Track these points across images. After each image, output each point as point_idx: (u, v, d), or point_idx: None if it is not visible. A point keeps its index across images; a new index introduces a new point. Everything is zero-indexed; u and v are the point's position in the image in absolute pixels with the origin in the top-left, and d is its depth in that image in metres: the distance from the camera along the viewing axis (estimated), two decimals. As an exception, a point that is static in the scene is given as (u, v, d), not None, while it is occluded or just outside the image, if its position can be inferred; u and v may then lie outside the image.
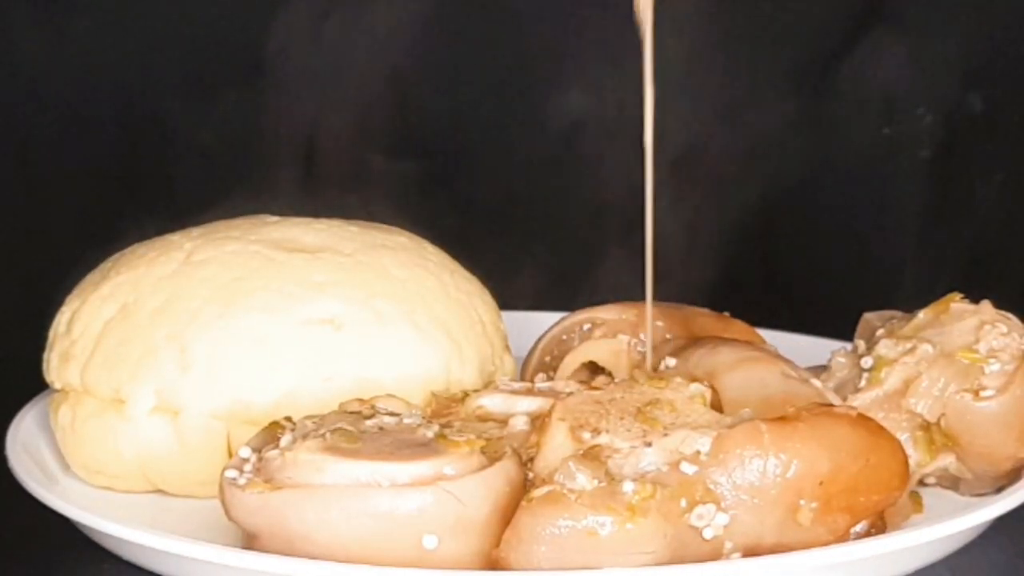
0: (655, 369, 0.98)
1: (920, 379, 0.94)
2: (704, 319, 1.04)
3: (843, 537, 0.84)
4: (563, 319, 1.05)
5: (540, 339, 1.05)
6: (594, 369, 1.02)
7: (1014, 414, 0.93)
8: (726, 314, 1.06)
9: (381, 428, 0.86)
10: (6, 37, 1.36)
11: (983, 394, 0.93)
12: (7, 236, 1.35)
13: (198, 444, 0.95)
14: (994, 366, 0.94)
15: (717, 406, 0.90)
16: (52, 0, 1.38)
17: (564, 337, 1.04)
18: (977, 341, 0.95)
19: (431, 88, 1.39)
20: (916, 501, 0.92)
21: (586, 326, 1.03)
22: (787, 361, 0.95)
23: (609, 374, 1.00)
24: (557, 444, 0.85)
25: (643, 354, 1.01)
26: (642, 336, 1.01)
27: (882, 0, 1.37)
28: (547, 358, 1.04)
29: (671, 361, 0.97)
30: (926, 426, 0.94)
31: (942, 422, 0.94)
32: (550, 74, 1.38)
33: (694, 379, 0.91)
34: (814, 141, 1.38)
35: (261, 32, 1.39)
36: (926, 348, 0.95)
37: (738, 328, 1.04)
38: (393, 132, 1.39)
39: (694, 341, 0.98)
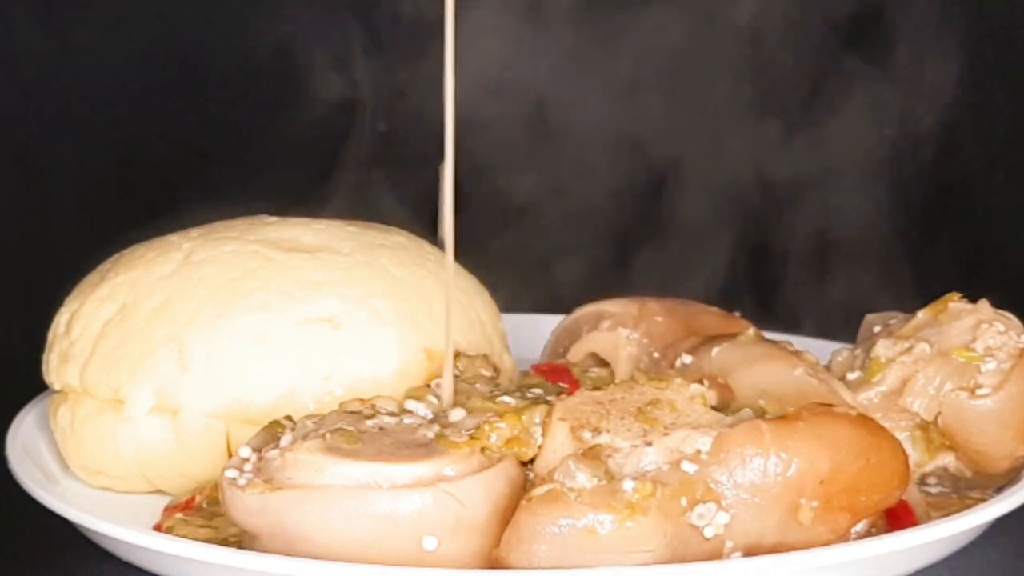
0: (672, 366, 0.98)
1: (916, 378, 0.94)
2: (708, 317, 1.05)
3: (844, 536, 0.84)
4: (576, 311, 1.06)
5: (555, 329, 1.07)
6: (598, 360, 1.03)
7: (1010, 412, 0.93)
8: (736, 314, 1.06)
9: (381, 428, 0.86)
10: (6, 39, 1.36)
11: (979, 392, 0.93)
12: (7, 236, 1.35)
13: (197, 444, 0.95)
14: (990, 364, 0.94)
15: (729, 402, 0.90)
16: (52, 2, 1.38)
17: (574, 328, 1.05)
18: (974, 340, 0.95)
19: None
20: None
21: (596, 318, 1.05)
22: (806, 360, 0.95)
23: (606, 364, 1.02)
24: (558, 444, 0.85)
25: (641, 348, 1.02)
26: (639, 331, 1.02)
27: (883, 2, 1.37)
28: (560, 348, 1.06)
29: (687, 358, 0.97)
30: (924, 425, 0.94)
31: (939, 421, 0.94)
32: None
33: (711, 376, 0.91)
34: (814, 141, 1.37)
35: (261, 34, 1.39)
36: (923, 347, 0.95)
37: (741, 327, 1.04)
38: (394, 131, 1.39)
39: (711, 338, 0.98)
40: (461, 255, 1.07)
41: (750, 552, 0.82)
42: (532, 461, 0.85)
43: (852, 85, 1.37)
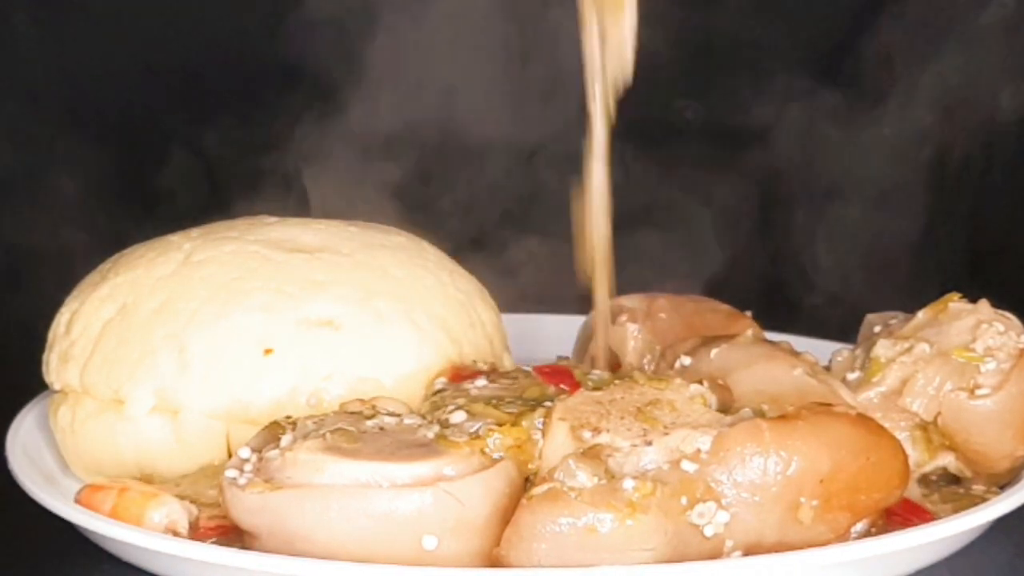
0: (671, 367, 0.98)
1: (916, 378, 0.94)
2: (712, 316, 1.05)
3: (844, 535, 0.84)
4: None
5: (582, 325, 1.08)
6: (613, 356, 1.03)
7: (1010, 412, 0.93)
8: (748, 313, 1.06)
9: (382, 428, 0.87)
10: (6, 38, 1.36)
11: (979, 392, 0.93)
12: (7, 236, 1.35)
13: (197, 444, 0.95)
14: (990, 364, 0.94)
15: (730, 404, 0.90)
16: (52, 1, 1.38)
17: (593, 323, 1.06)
18: (974, 340, 0.95)
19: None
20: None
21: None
22: (805, 360, 0.95)
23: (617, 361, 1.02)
24: (558, 443, 0.85)
25: (645, 344, 1.02)
26: (645, 327, 1.02)
27: (883, 0, 1.37)
28: (585, 343, 1.06)
29: (686, 360, 0.97)
30: (924, 425, 0.94)
31: (939, 421, 0.94)
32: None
33: (711, 377, 0.91)
34: (814, 141, 1.38)
35: (262, 34, 1.39)
36: (923, 347, 0.95)
37: (743, 326, 1.04)
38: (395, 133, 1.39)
39: (709, 340, 0.99)
40: (460, 255, 1.08)
41: (750, 551, 0.82)
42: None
43: (852, 83, 1.38)
